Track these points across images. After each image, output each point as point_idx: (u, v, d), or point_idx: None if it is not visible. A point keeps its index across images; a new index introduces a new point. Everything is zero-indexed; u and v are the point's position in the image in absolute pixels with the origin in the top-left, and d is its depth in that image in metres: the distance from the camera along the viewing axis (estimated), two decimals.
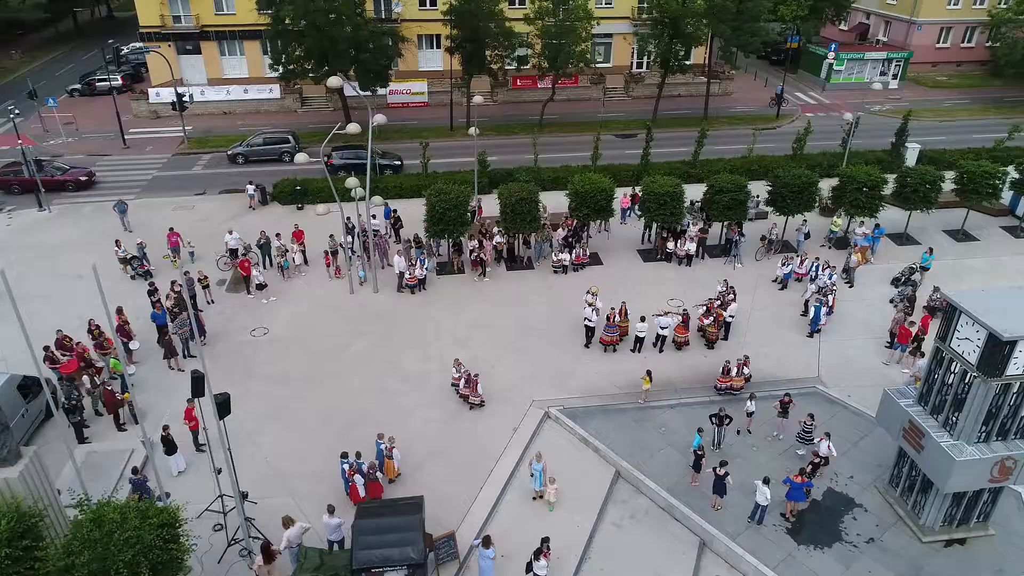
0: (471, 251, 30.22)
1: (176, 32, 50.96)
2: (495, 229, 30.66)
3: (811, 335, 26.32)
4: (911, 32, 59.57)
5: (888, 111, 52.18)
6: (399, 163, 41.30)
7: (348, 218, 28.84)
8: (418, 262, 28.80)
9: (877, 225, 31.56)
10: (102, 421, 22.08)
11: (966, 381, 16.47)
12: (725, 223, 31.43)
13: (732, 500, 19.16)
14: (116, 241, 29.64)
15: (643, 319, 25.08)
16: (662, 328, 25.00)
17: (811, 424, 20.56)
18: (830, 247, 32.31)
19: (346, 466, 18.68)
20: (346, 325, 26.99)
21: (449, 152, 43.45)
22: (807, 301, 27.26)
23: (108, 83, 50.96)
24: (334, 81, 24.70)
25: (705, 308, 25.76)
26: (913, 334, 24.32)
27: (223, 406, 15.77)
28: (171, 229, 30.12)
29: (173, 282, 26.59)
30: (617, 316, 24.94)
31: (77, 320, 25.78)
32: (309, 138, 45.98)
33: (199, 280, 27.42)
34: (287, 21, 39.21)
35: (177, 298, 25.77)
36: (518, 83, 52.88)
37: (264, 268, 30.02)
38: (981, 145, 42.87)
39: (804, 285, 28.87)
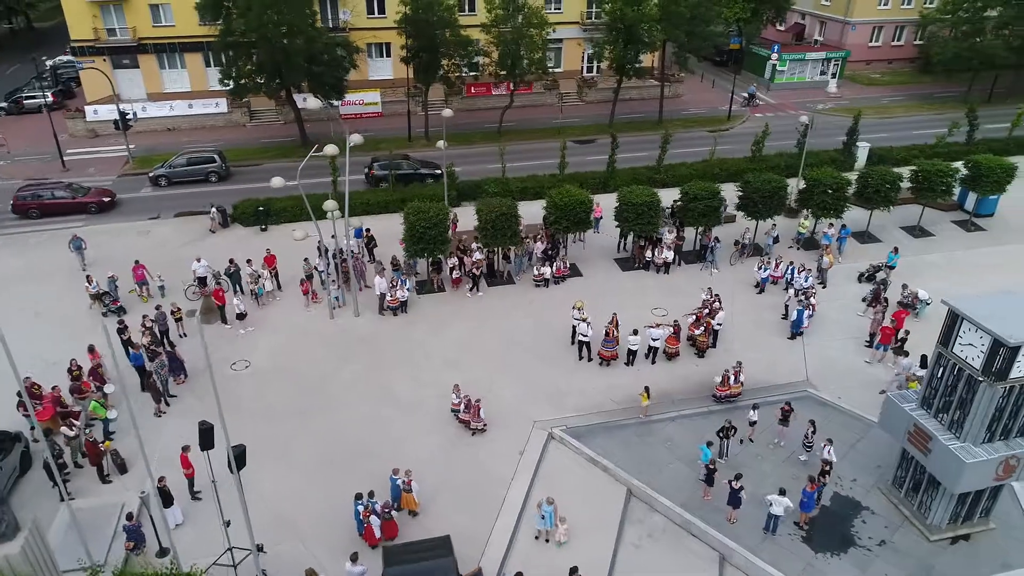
0: (451, 268, 29.73)
1: (111, 46, 48.44)
2: (474, 245, 30.25)
3: (793, 337, 26.93)
4: (846, 32, 61.84)
5: (831, 109, 54.03)
6: (440, 172, 40.28)
7: (320, 240, 27.92)
8: (399, 283, 28.13)
9: (843, 226, 32.56)
10: (83, 473, 20.71)
11: (972, 386, 17.03)
12: (699, 229, 31.84)
13: (744, 511, 19.33)
14: (87, 277, 27.76)
15: (635, 332, 25.13)
16: (654, 340, 25.12)
17: (814, 431, 20.95)
18: (798, 248, 33.16)
19: (360, 507, 18.01)
20: (330, 352, 26.14)
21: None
22: (788, 304, 27.88)
23: (38, 100, 48.07)
24: (312, 102, 23.85)
25: (695, 317, 26.01)
26: (895, 334, 25.11)
27: (240, 458, 14.93)
28: (136, 262, 28.50)
29: (144, 317, 25.20)
30: (615, 330, 24.91)
31: (41, 362, 24.28)
32: (261, 154, 44.55)
33: (171, 313, 26.07)
34: (238, 34, 37.68)
35: (150, 335, 24.43)
36: (472, 91, 52.41)
37: (236, 295, 28.80)
38: (923, 141, 44.77)
39: (780, 288, 29.62)
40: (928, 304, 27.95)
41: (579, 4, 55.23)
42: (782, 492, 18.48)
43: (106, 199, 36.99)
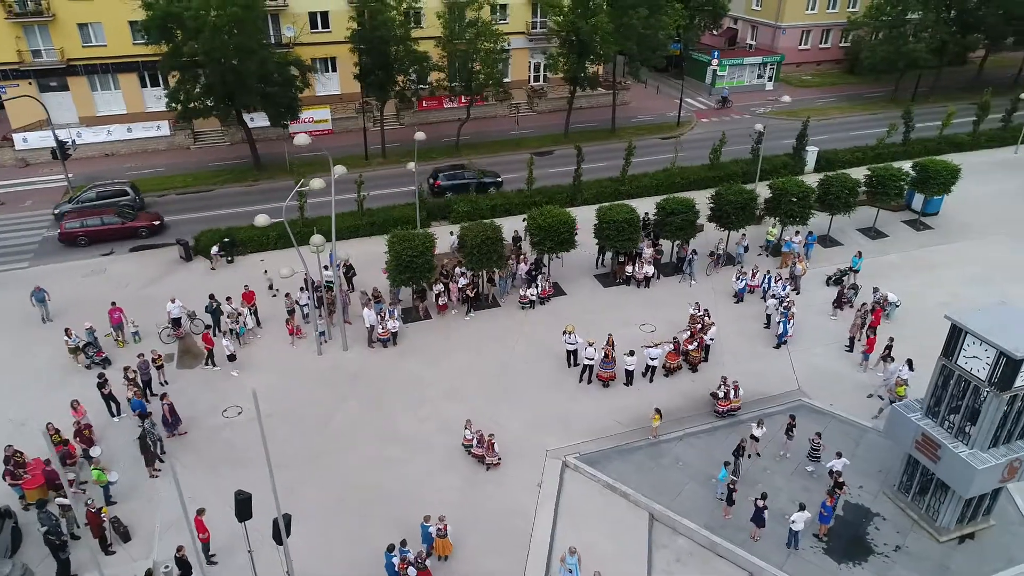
0: (436, 295, 29.34)
1: (37, 68, 45.48)
2: (458, 270, 29.94)
3: (778, 346, 27.81)
4: (777, 36, 64.21)
5: (772, 112, 56.02)
6: (500, 180, 40.89)
7: (307, 273, 27.02)
8: (387, 315, 27.55)
9: (809, 232, 33.85)
10: (82, 544, 19.35)
11: (977, 395, 17.99)
12: (676, 242, 32.46)
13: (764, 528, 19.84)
14: (66, 330, 25.84)
15: (632, 353, 25.42)
16: (652, 359, 25.48)
17: (819, 442, 21.70)
18: (767, 255, 34.26)
19: (396, 559, 17.56)
20: (324, 391, 25.36)
21: (372, 183, 41.79)
22: (770, 314, 28.77)
23: None
24: (302, 139, 23.00)
25: (689, 333, 26.50)
26: (878, 343, 26.24)
27: (245, 507, 14.38)
28: (113, 304, 26.86)
29: (126, 368, 23.80)
30: (613, 352, 25.12)
31: (8, 424, 22.82)
32: (212, 178, 42.82)
33: (152, 361, 24.72)
34: (187, 56, 36.01)
35: (134, 387, 23.10)
36: (424, 104, 51.78)
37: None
38: (863, 142, 47.06)
39: (757, 297, 30.58)
40: (897, 306, 29.36)
41: (524, 14, 55.39)
42: (801, 507, 19.08)
43: (156, 223, 35.88)
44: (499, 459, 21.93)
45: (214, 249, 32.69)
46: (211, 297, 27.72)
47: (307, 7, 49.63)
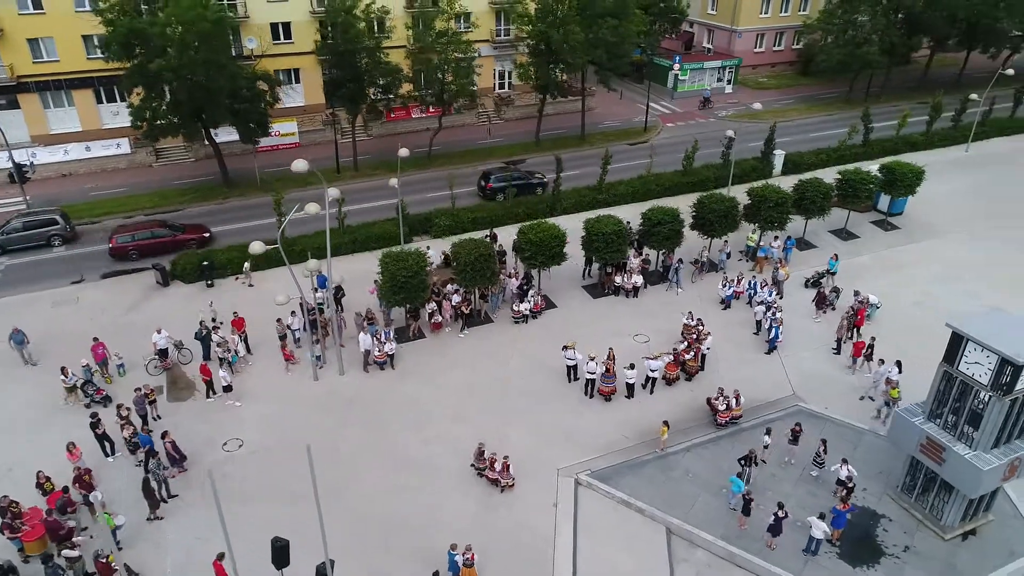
0: (430, 314, 29.10)
1: None
2: (450, 287, 29.76)
3: (769, 352, 28.46)
4: (733, 39, 65.58)
5: (734, 115, 57.21)
6: (545, 180, 41.92)
7: (302, 298, 26.47)
8: (383, 336, 27.19)
9: (788, 237, 34.73)
10: None
11: (980, 399, 18.77)
12: (662, 251, 32.88)
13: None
14: (62, 369, 24.68)
15: (632, 366, 25.69)
16: (652, 371, 25.79)
17: (824, 450, 22.30)
18: (747, 260, 35.01)
19: None
20: (325, 418, 24.89)
21: (347, 198, 41.05)
22: (759, 320, 29.43)
23: None
24: (299, 164, 22.49)
25: (686, 343, 26.89)
26: (866, 345, 27.09)
27: (282, 553, 14.12)
28: (96, 339, 25.75)
29: (119, 406, 22.92)
30: (614, 366, 25.33)
31: None
32: (180, 197, 41.48)
33: (145, 396, 23.86)
34: (157, 72, 34.81)
35: (131, 427, 22.27)
36: (391, 115, 51.20)
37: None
38: (824, 144, 48.56)
39: (743, 303, 31.24)
40: (878, 308, 30.36)
41: (488, 21, 55.23)
42: (821, 516, 19.60)
43: (205, 235, 35.78)
44: (513, 480, 21.89)
45: (246, 265, 31.99)
46: (201, 323, 26.92)
47: (268, 18, 48.50)
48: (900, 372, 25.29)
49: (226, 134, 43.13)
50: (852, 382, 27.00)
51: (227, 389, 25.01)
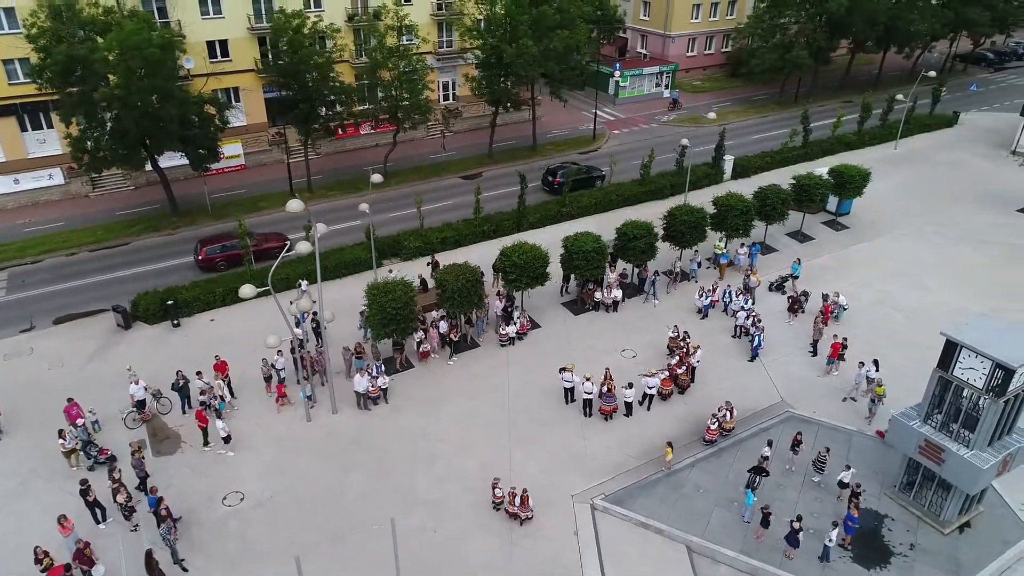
0: (418, 343, 28.62)
1: None
2: (435, 314, 29.36)
3: (752, 360, 29.36)
4: (667, 44, 67.24)
5: (674, 120, 58.68)
6: (604, 174, 44.63)
7: (293, 339, 25.50)
8: (374, 369, 26.55)
9: (754, 243, 35.90)
10: None
11: (975, 402, 19.95)
12: (637, 265, 33.39)
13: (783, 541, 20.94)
14: (60, 432, 22.96)
15: (631, 385, 26.02)
16: (650, 388, 26.19)
17: (827, 456, 23.19)
18: (715, 268, 35.98)
19: None
20: (328, 463, 24.09)
21: (300, 223, 39.83)
22: (738, 326, 30.34)
23: None
24: (293, 205, 21.63)
25: (677, 358, 27.42)
26: (842, 346, 28.29)
27: None
28: (70, 400, 23.92)
29: (111, 470, 21.52)
30: (615, 385, 25.60)
31: None
32: (126, 230, 39.22)
33: (133, 453, 22.49)
34: (99, 102, 32.81)
35: (125, 492, 20.94)
36: (341, 132, 49.89)
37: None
38: (765, 145, 50.54)
39: (719, 311, 32.13)
40: (846, 309, 31.77)
41: (431, 33, 54.60)
42: (835, 525, 20.39)
43: (285, 242, 35.26)
44: (532, 513, 21.80)
45: (303, 283, 30.59)
46: (177, 373, 25.55)
47: (204, 36, 46.45)
48: (878, 370, 26.61)
49: (169, 158, 41.05)
50: (833, 384, 28.15)
51: (226, 440, 23.81)
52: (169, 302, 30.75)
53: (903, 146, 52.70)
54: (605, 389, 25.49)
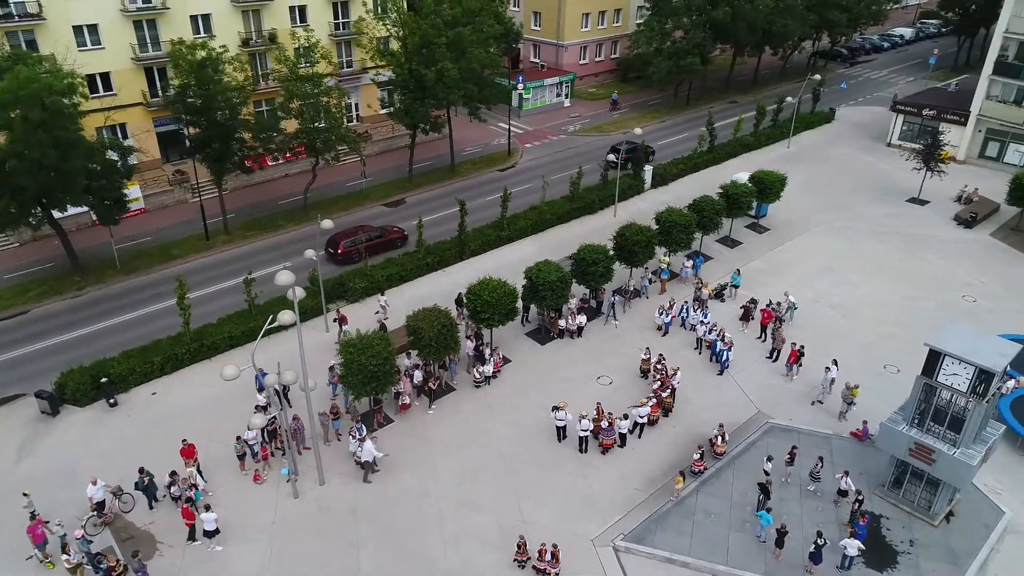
0: (395, 395, 27.31)
1: None
2: (407, 362, 28.14)
3: (721, 373, 30.31)
4: (560, 53, 68.15)
5: (581, 130, 59.60)
6: (652, 148, 49.99)
7: (279, 414, 23.52)
8: (356, 433, 25.02)
9: (698, 254, 37.07)
10: None
11: (964, 404, 21.56)
12: (594, 288, 33.57)
13: (799, 556, 21.77)
14: (63, 548, 20.42)
15: (626, 416, 26.11)
16: (641, 418, 26.40)
17: (821, 465, 24.32)
18: (657, 281, 36.80)
19: None
20: (331, 541, 22.47)
21: (228, 268, 37.08)
22: (699, 339, 31.25)
23: None
24: (284, 277, 19.82)
25: (660, 382, 27.79)
26: (799, 353, 29.74)
27: None
28: (33, 515, 20.65)
29: None
30: (614, 417, 25.64)
31: None
32: (20, 296, 34.67)
33: (134, 555, 19.93)
34: None
35: None
36: (256, 166, 46.69)
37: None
38: (672, 151, 52.49)
39: (677, 327, 32.93)
40: (796, 308, 33.42)
41: (331, 54, 52.25)
42: (852, 535, 21.40)
43: (405, 233, 39.72)
44: (559, 568, 21.32)
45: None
46: (141, 471, 22.84)
47: (83, 69, 41.93)
48: (838, 368, 28.25)
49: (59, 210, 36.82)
50: (797, 388, 29.57)
51: (210, 535, 21.54)
52: (103, 379, 27.51)
53: (794, 144, 56.29)
54: (605, 424, 25.43)
